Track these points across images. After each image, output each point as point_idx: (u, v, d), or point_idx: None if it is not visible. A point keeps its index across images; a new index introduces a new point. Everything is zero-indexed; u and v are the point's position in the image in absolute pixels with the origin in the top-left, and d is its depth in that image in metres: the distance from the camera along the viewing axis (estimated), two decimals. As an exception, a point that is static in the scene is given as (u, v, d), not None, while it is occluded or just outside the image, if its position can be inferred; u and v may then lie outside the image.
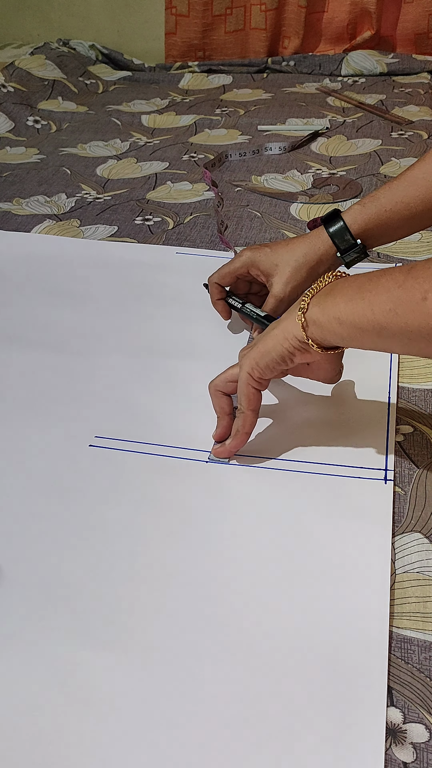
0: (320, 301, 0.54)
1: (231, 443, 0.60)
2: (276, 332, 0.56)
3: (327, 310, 0.53)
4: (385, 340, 0.50)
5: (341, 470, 0.59)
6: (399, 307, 0.48)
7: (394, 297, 0.48)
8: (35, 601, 0.49)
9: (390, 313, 0.48)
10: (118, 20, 1.90)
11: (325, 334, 0.54)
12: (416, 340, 0.48)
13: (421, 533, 0.54)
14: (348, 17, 1.75)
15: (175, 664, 0.45)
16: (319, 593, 0.49)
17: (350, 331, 0.52)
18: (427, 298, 0.46)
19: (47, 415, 0.66)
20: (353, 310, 0.51)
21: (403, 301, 0.48)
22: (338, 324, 0.52)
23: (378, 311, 0.49)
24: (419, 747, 0.41)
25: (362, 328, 0.51)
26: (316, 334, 0.54)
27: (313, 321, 0.54)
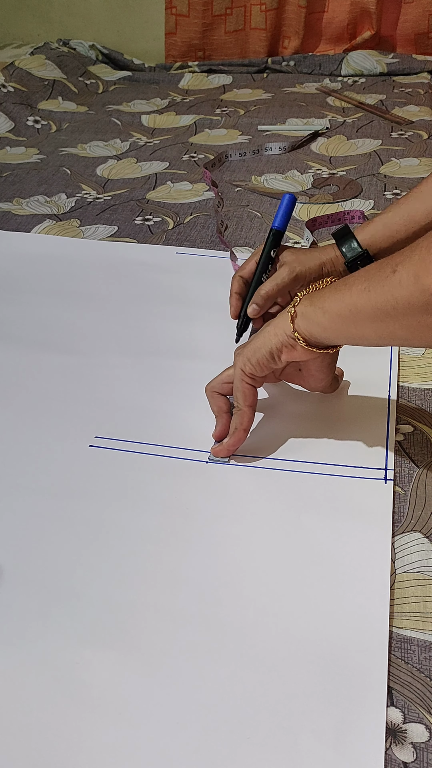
0: (311, 296, 0.55)
1: (229, 441, 0.60)
2: (268, 328, 0.58)
3: (315, 302, 0.54)
4: (360, 326, 0.51)
5: (341, 470, 0.59)
6: (371, 285, 0.49)
7: (370, 275, 0.49)
8: (36, 601, 0.49)
9: (364, 292, 0.49)
10: (118, 20, 1.90)
11: (310, 325, 0.55)
12: (386, 320, 0.48)
13: (421, 533, 0.54)
14: (348, 17, 1.75)
15: (175, 664, 0.45)
16: (319, 593, 0.49)
17: (331, 319, 0.53)
18: (396, 270, 0.47)
19: (47, 415, 0.66)
20: (336, 298, 0.52)
21: (374, 276, 0.49)
22: (322, 313, 0.53)
23: (354, 291, 0.50)
24: (419, 747, 0.41)
25: (341, 314, 0.52)
26: (302, 327, 0.55)
27: (301, 313, 0.55)
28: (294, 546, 0.52)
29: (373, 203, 1.05)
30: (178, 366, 0.72)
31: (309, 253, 0.70)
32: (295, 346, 0.56)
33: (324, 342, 0.56)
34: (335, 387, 0.65)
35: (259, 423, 0.64)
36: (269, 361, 0.57)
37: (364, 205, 1.04)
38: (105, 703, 0.43)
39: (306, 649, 0.45)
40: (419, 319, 0.46)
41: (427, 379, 0.70)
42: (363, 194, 1.08)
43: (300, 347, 0.56)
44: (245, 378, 0.59)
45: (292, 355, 0.57)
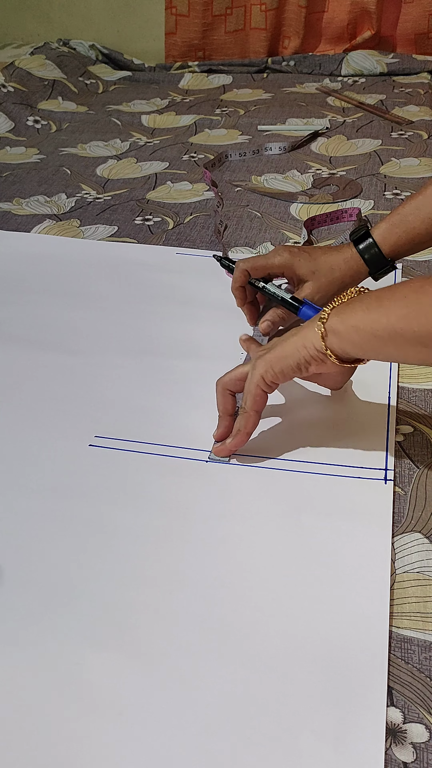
0: (340, 312, 0.54)
1: (231, 442, 0.60)
2: (295, 339, 0.57)
3: (346, 320, 0.53)
4: (399, 348, 0.51)
5: (341, 470, 0.59)
6: (413, 311, 0.48)
7: (410, 302, 0.49)
8: (36, 601, 0.49)
9: (404, 318, 0.49)
10: (118, 20, 1.90)
11: (343, 343, 0.54)
12: (428, 344, 0.48)
13: (421, 533, 0.54)
14: (348, 17, 1.75)
15: (176, 664, 0.45)
16: (319, 593, 0.49)
17: (367, 339, 0.52)
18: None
19: (47, 414, 0.66)
20: (370, 318, 0.52)
21: (418, 305, 0.48)
22: (355, 332, 0.53)
23: (393, 317, 0.50)
24: (419, 747, 0.41)
25: (378, 335, 0.51)
26: (335, 344, 0.54)
27: (332, 330, 0.54)
28: (294, 546, 0.52)
29: (373, 203, 1.05)
30: (177, 366, 0.72)
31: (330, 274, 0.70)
32: (325, 360, 0.56)
33: (355, 357, 0.56)
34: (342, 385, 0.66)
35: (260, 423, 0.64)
36: (295, 372, 0.57)
37: (364, 205, 1.05)
38: (105, 703, 0.43)
39: (306, 649, 0.45)
40: None
41: (427, 379, 0.70)
42: (363, 194, 1.08)
43: (331, 362, 0.56)
44: (262, 385, 0.58)
45: (322, 368, 0.57)
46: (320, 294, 0.70)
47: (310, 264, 0.70)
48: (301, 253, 0.71)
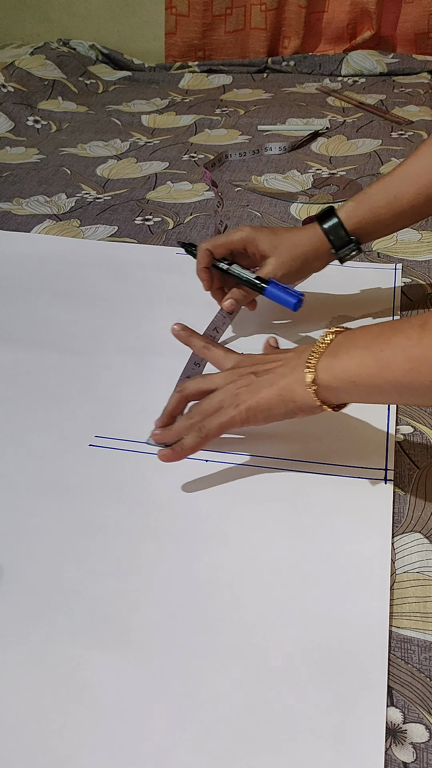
0: (329, 366, 0.52)
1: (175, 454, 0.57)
2: (280, 392, 0.54)
3: (338, 374, 0.51)
4: (405, 396, 0.50)
5: (341, 470, 0.59)
6: (422, 366, 0.47)
7: (413, 356, 0.47)
8: (35, 600, 0.49)
9: (412, 372, 0.47)
10: (118, 20, 1.90)
11: (339, 395, 0.53)
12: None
13: (421, 533, 0.54)
14: (348, 17, 1.75)
15: (175, 664, 0.45)
16: (319, 593, 0.49)
17: (367, 391, 0.51)
18: None
19: (47, 414, 0.66)
20: (368, 373, 0.50)
21: (424, 359, 0.47)
22: (353, 386, 0.51)
23: (398, 371, 0.48)
24: (419, 747, 0.41)
25: (380, 388, 0.50)
26: (328, 397, 0.53)
27: (325, 387, 0.52)
28: (294, 546, 0.52)
29: (373, 203, 1.04)
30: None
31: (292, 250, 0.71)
32: (316, 411, 0.55)
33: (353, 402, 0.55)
34: None
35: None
36: (279, 419, 0.56)
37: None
38: (105, 703, 0.43)
39: (306, 649, 0.45)
40: None
41: (427, 379, 0.69)
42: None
43: (322, 410, 0.54)
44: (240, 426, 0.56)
45: (310, 415, 0.56)
46: (283, 270, 0.71)
47: (272, 239, 0.71)
48: (263, 229, 0.72)
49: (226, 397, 0.57)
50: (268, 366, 0.57)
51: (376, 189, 0.71)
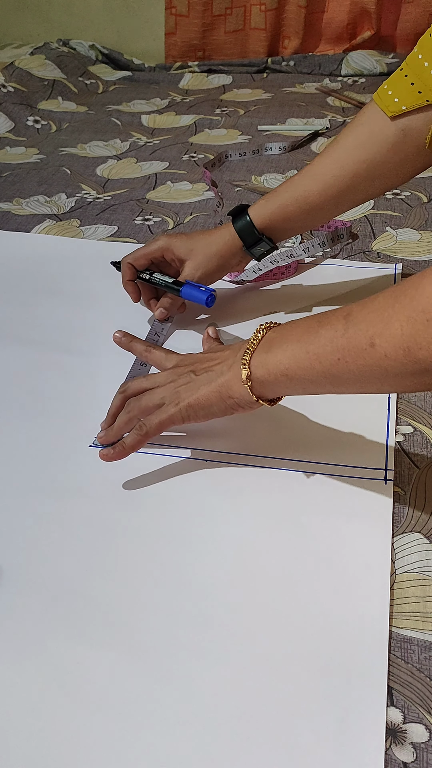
0: (263, 361, 0.53)
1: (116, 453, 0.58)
2: (218, 389, 0.56)
3: (272, 369, 0.52)
4: (337, 386, 0.50)
5: (341, 470, 0.59)
6: (348, 356, 0.47)
7: (340, 347, 0.47)
8: (35, 600, 0.49)
9: (340, 363, 0.48)
10: (118, 20, 1.90)
11: (274, 389, 0.54)
12: (371, 382, 0.48)
13: (421, 533, 0.54)
14: (348, 17, 1.76)
15: (175, 664, 0.45)
16: (319, 593, 0.49)
17: (301, 384, 0.52)
18: (374, 343, 0.45)
19: (47, 415, 0.66)
20: (300, 366, 0.51)
21: (350, 350, 0.47)
22: (287, 379, 0.52)
23: (326, 363, 0.49)
24: (419, 747, 0.41)
25: (312, 380, 0.51)
26: (264, 392, 0.54)
27: (260, 382, 0.54)
28: (294, 546, 0.52)
29: (372, 203, 1.05)
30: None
31: (206, 250, 0.75)
32: (254, 406, 0.56)
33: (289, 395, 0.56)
34: None
35: (258, 423, 0.64)
36: (220, 416, 0.57)
37: (363, 205, 1.04)
38: (105, 703, 0.43)
39: (306, 648, 0.45)
40: (412, 380, 0.45)
41: (427, 379, 0.70)
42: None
43: (259, 405, 0.56)
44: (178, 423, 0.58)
45: (249, 410, 0.57)
46: (201, 271, 0.75)
47: (187, 244, 0.75)
48: (179, 236, 0.76)
49: (166, 395, 0.58)
50: (206, 364, 0.58)
51: (285, 187, 0.72)
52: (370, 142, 0.68)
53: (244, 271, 0.84)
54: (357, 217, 1.00)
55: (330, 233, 0.89)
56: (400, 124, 0.66)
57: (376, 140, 0.67)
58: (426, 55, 0.64)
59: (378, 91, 0.68)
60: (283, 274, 0.87)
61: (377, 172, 0.69)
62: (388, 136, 0.67)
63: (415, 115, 0.65)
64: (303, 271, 0.88)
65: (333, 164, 0.70)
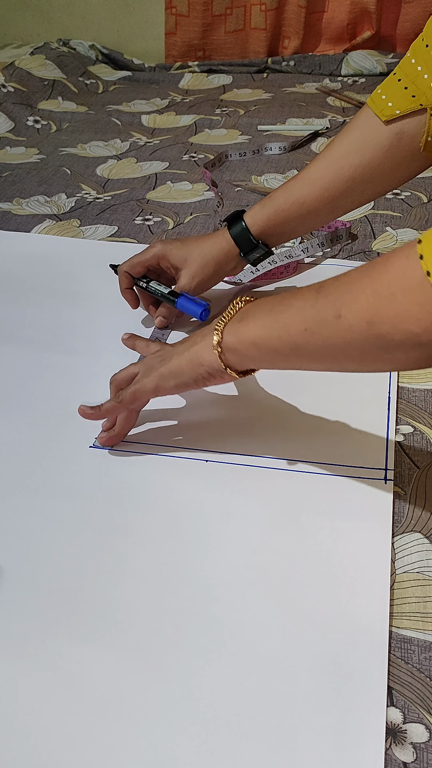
0: (234, 329, 0.54)
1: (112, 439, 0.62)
2: (189, 356, 0.57)
3: (242, 337, 0.53)
4: (303, 360, 0.51)
5: (341, 470, 0.59)
6: (314, 326, 0.47)
7: (308, 317, 0.48)
8: (35, 600, 0.49)
9: (306, 333, 0.48)
10: (118, 20, 1.90)
11: (242, 359, 0.54)
12: (335, 356, 0.48)
13: (421, 533, 0.54)
14: (348, 17, 1.75)
15: (175, 664, 0.45)
16: (319, 593, 0.49)
17: (268, 355, 0.52)
18: (341, 315, 0.45)
19: (47, 415, 0.66)
20: (269, 334, 0.51)
21: (317, 320, 0.47)
22: (255, 349, 0.52)
23: (293, 332, 0.49)
24: (419, 747, 0.41)
25: (279, 351, 0.51)
26: (233, 361, 0.55)
27: (229, 349, 0.54)
28: (294, 546, 0.52)
29: (373, 203, 1.05)
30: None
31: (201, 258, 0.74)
32: (223, 376, 0.56)
33: (255, 368, 0.57)
34: None
35: (258, 423, 0.64)
36: (191, 386, 0.58)
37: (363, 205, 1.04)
38: (105, 702, 0.43)
39: (306, 649, 0.45)
40: (375, 356, 0.46)
41: (427, 379, 0.70)
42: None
43: (228, 376, 0.56)
44: (151, 396, 0.59)
45: (220, 382, 0.58)
46: (197, 279, 0.74)
47: (182, 251, 0.75)
48: (174, 242, 0.75)
49: (141, 368, 0.60)
50: (184, 340, 0.60)
51: (280, 192, 0.72)
52: (364, 147, 0.68)
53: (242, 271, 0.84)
54: (357, 218, 1.00)
55: (329, 234, 0.89)
56: (395, 128, 0.66)
57: (370, 144, 0.67)
58: (419, 59, 0.65)
59: (372, 95, 0.68)
60: (282, 274, 0.87)
61: (372, 175, 0.69)
62: (383, 140, 0.67)
63: (409, 119, 0.65)
64: (302, 272, 0.88)
65: (328, 169, 0.70)
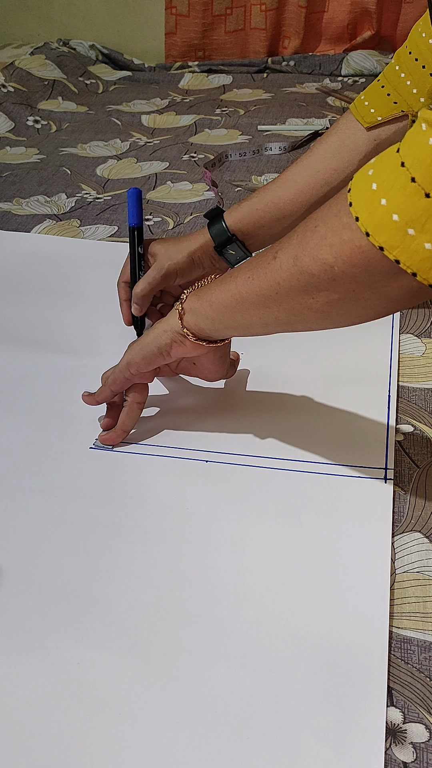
0: (198, 291, 0.57)
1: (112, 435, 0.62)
2: (157, 325, 0.59)
3: (201, 296, 0.55)
4: (246, 314, 0.52)
5: (341, 470, 0.59)
6: (254, 272, 0.50)
7: (253, 265, 0.51)
8: (36, 601, 0.49)
9: (248, 281, 0.50)
10: (118, 20, 1.90)
11: (198, 320, 0.56)
12: (270, 305, 0.50)
13: (421, 533, 0.54)
14: (348, 17, 1.75)
15: (175, 664, 0.45)
16: (319, 593, 0.49)
17: (219, 311, 0.54)
18: (276, 256, 0.48)
19: (47, 416, 0.66)
20: (222, 289, 0.53)
21: (257, 264, 0.50)
22: (209, 306, 0.54)
23: (239, 281, 0.51)
24: (419, 747, 0.41)
25: (227, 305, 0.53)
26: (191, 322, 0.56)
27: (189, 309, 0.56)
28: (294, 546, 0.52)
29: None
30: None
31: (178, 244, 0.72)
32: (184, 341, 0.57)
33: (213, 335, 0.57)
34: (232, 373, 0.67)
35: (258, 423, 0.64)
36: (157, 357, 0.59)
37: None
38: (105, 703, 0.43)
39: (306, 649, 0.45)
40: (300, 301, 0.47)
41: (427, 379, 0.70)
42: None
43: (189, 342, 0.57)
44: (126, 372, 0.60)
45: (182, 351, 0.58)
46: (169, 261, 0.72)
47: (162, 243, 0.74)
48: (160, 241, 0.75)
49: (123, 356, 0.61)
50: None
51: (258, 193, 0.72)
52: (342, 151, 0.68)
53: None
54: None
55: None
56: (373, 135, 0.67)
57: (348, 149, 0.68)
58: (402, 66, 0.66)
59: (355, 101, 0.69)
60: None
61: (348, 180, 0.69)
62: (360, 145, 0.67)
63: (389, 126, 0.67)
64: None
65: (304, 171, 0.70)
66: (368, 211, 0.40)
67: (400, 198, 0.39)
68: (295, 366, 0.71)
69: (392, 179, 0.40)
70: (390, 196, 0.39)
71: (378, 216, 0.40)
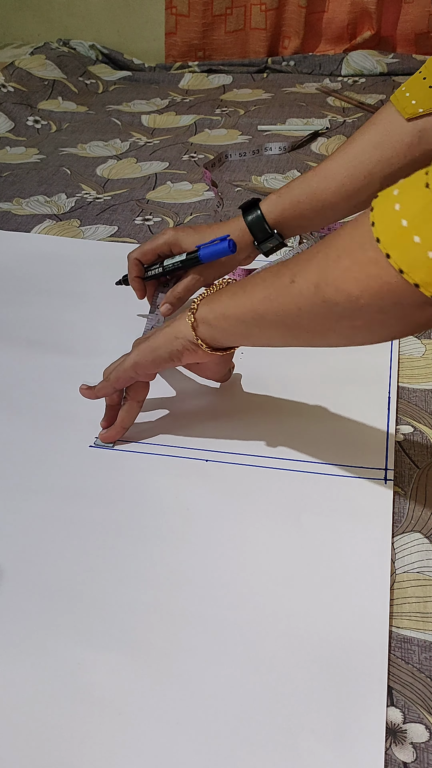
0: (209, 301, 0.56)
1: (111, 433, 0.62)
2: (167, 330, 0.59)
3: (214, 308, 0.55)
4: (264, 331, 0.52)
5: (341, 470, 0.59)
6: (272, 293, 0.50)
7: (268, 284, 0.50)
8: (36, 601, 0.49)
9: (265, 300, 0.50)
10: (118, 20, 1.90)
11: (213, 331, 0.56)
12: (291, 326, 0.50)
13: (421, 533, 0.54)
14: (348, 17, 1.75)
15: (175, 664, 0.45)
16: (319, 593, 0.49)
17: (234, 325, 0.54)
18: (294, 280, 0.47)
19: (47, 415, 0.66)
20: (236, 304, 0.53)
21: (275, 286, 0.50)
22: (224, 319, 0.54)
23: (255, 300, 0.51)
24: (419, 747, 0.41)
25: (243, 320, 0.53)
26: (205, 333, 0.56)
27: (202, 320, 0.56)
28: (294, 546, 0.52)
29: (373, 203, 1.04)
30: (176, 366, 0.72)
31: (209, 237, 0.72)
32: (197, 350, 0.57)
33: (226, 344, 0.57)
34: (228, 377, 0.67)
35: (258, 423, 0.64)
36: (167, 362, 0.59)
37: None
38: (105, 703, 0.43)
39: (306, 649, 0.45)
40: (323, 324, 0.47)
41: (427, 379, 0.70)
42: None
43: (202, 351, 0.57)
44: (132, 372, 0.60)
45: (194, 358, 0.59)
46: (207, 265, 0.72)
47: (195, 237, 0.73)
48: (186, 229, 0.74)
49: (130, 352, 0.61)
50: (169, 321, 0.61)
51: (298, 183, 0.72)
52: (385, 143, 0.67)
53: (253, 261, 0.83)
54: (357, 217, 1.00)
55: None
56: (417, 126, 0.66)
57: (391, 141, 0.67)
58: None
59: (395, 92, 0.68)
60: None
61: (391, 172, 0.68)
62: (404, 137, 0.67)
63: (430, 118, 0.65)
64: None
65: (347, 163, 0.69)
66: (400, 249, 0.40)
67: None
68: (296, 366, 0.71)
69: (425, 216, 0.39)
70: (423, 235, 0.39)
71: (412, 254, 0.40)
